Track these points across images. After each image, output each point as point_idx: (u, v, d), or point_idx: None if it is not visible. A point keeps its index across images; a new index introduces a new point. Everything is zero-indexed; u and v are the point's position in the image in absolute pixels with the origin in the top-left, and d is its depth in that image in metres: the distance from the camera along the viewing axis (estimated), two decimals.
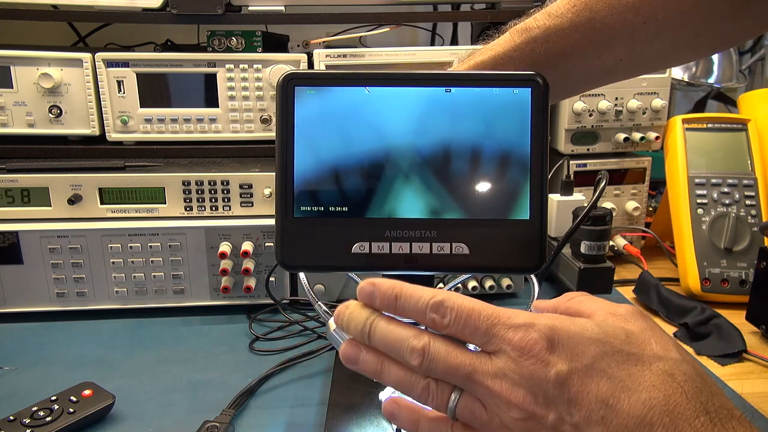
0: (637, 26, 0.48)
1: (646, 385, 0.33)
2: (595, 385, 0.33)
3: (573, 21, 0.49)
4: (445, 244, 0.45)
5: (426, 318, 0.37)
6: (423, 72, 0.48)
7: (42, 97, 0.82)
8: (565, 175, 0.87)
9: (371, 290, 0.39)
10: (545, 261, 0.46)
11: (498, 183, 0.46)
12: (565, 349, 0.34)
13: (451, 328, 0.36)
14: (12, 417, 0.55)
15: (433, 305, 0.36)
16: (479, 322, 0.35)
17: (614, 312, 0.38)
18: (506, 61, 0.51)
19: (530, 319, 0.35)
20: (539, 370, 0.34)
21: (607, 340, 0.35)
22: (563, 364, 0.34)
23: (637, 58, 0.51)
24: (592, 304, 0.39)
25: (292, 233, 0.46)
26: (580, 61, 0.51)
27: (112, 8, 0.84)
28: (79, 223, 0.77)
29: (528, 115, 0.46)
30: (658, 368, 0.34)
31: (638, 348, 0.35)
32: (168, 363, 0.69)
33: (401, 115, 0.46)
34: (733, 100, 1.24)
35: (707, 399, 0.33)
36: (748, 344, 0.71)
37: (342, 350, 0.41)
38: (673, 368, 0.34)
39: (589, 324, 0.36)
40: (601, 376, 0.33)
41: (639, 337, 0.36)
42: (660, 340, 0.36)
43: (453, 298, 0.37)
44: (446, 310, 0.36)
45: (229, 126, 0.86)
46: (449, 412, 0.37)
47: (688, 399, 0.32)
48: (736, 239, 0.85)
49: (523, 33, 0.51)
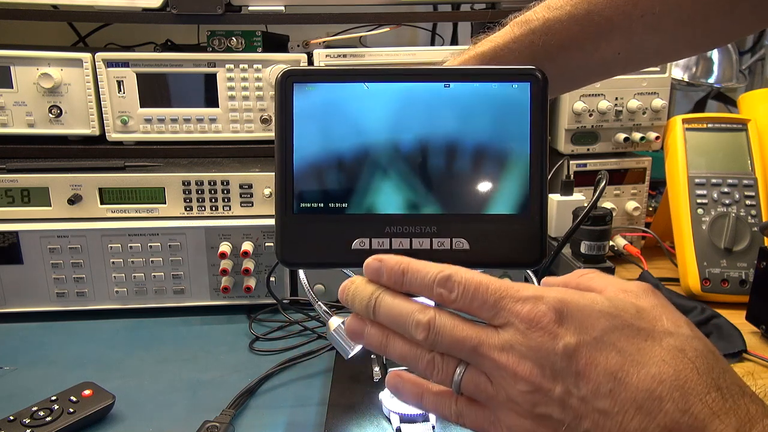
0: (635, 19, 0.49)
1: (656, 360, 0.32)
2: (603, 358, 0.32)
3: (571, 13, 0.50)
4: (445, 240, 0.46)
5: (434, 293, 0.37)
6: (422, 67, 0.48)
7: (42, 97, 0.82)
8: (565, 175, 0.87)
9: (378, 266, 0.39)
10: (545, 256, 0.46)
11: (498, 178, 0.46)
12: (573, 322, 0.33)
13: (458, 303, 0.36)
14: (12, 417, 0.55)
15: (440, 279, 0.36)
16: (487, 296, 0.35)
17: (625, 288, 0.37)
18: (506, 52, 0.52)
19: (539, 292, 0.35)
20: (547, 343, 0.33)
21: (617, 314, 0.34)
22: (571, 337, 0.33)
23: (635, 51, 0.52)
24: (603, 280, 0.39)
25: (291, 230, 0.46)
26: (579, 53, 0.52)
27: (112, 8, 0.84)
28: (79, 223, 0.77)
29: (527, 110, 0.46)
30: (668, 344, 0.33)
31: (649, 323, 0.34)
32: (168, 363, 0.69)
33: (400, 110, 0.46)
34: (733, 100, 1.24)
35: (719, 375, 0.32)
36: (748, 344, 0.71)
37: (347, 324, 0.41)
38: (684, 344, 0.33)
39: (599, 298, 0.35)
40: (610, 349, 0.33)
41: (650, 313, 0.35)
42: (671, 317, 0.35)
43: (461, 273, 0.36)
44: (454, 285, 0.36)
45: (229, 126, 0.86)
46: (454, 386, 0.37)
47: (699, 375, 0.32)
48: (736, 239, 0.85)
49: (523, 25, 0.52)
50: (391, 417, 0.54)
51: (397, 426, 0.52)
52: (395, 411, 0.53)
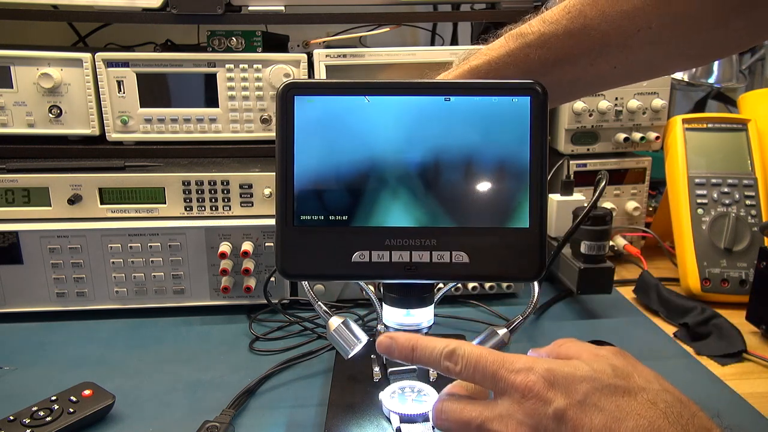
0: (630, 34, 0.49)
1: (633, 414, 0.37)
2: (588, 419, 0.37)
3: (567, 28, 0.49)
4: (445, 253, 0.46)
5: (441, 366, 0.42)
6: (422, 81, 0.48)
7: (42, 97, 0.82)
8: (565, 175, 0.87)
9: (389, 343, 0.45)
10: (545, 269, 0.46)
11: (497, 191, 0.46)
12: (561, 388, 0.39)
13: (463, 374, 0.42)
14: (12, 417, 0.55)
15: (446, 354, 0.42)
16: (486, 367, 0.41)
17: (597, 353, 0.42)
18: (501, 66, 0.52)
19: (529, 363, 0.40)
20: (540, 408, 0.38)
21: (596, 376, 0.39)
22: (560, 401, 0.38)
23: (631, 65, 0.52)
24: (578, 347, 0.44)
25: (292, 241, 0.46)
26: (574, 67, 0.51)
27: (112, 8, 0.84)
28: (79, 223, 0.77)
29: (527, 124, 0.46)
30: (642, 398, 0.38)
31: (624, 380, 0.39)
32: (168, 363, 0.69)
33: (400, 124, 0.46)
34: (733, 100, 1.24)
35: (687, 421, 0.37)
36: (748, 344, 0.71)
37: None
38: (656, 397, 0.38)
39: (580, 364, 0.40)
40: (593, 409, 0.38)
41: (623, 371, 0.40)
42: (641, 374, 0.40)
43: (463, 347, 0.42)
44: (458, 358, 0.42)
45: (229, 126, 0.86)
46: None
47: (670, 423, 0.37)
48: (736, 239, 0.85)
49: (518, 38, 0.51)
50: (391, 417, 0.54)
51: (397, 426, 0.52)
52: (395, 411, 0.53)
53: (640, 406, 0.37)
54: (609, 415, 0.37)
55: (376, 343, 0.45)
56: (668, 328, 0.78)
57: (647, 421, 0.36)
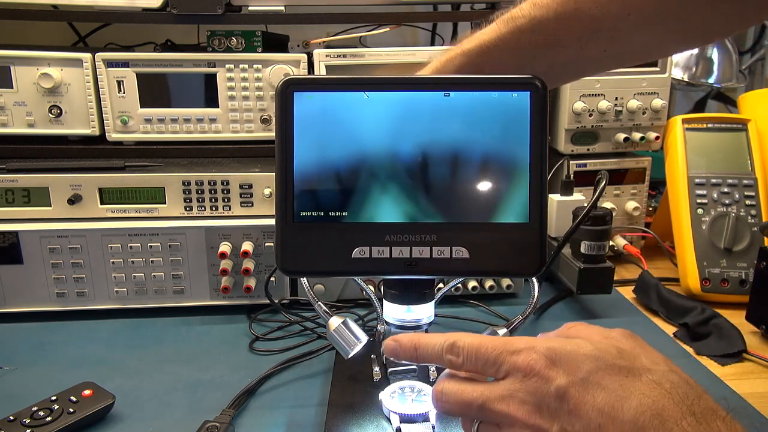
0: (620, 18, 0.49)
1: (636, 393, 0.36)
2: (591, 396, 0.37)
3: (558, 12, 0.50)
4: (445, 249, 0.46)
5: (444, 360, 0.42)
6: (421, 77, 0.48)
7: (42, 97, 0.82)
8: (565, 175, 0.87)
9: (395, 346, 0.45)
10: (545, 265, 0.46)
11: (497, 187, 0.46)
12: (563, 366, 0.38)
13: (466, 365, 0.41)
14: (12, 417, 0.55)
15: (447, 348, 0.42)
16: (488, 354, 0.40)
17: (607, 335, 0.42)
18: (492, 49, 0.52)
19: (530, 343, 0.40)
20: (542, 386, 0.38)
21: (600, 356, 0.39)
22: (562, 379, 0.38)
23: (621, 49, 0.52)
24: (587, 329, 0.43)
25: (292, 238, 0.46)
26: (565, 51, 0.52)
27: (112, 8, 0.84)
28: (79, 223, 0.77)
29: (527, 119, 0.46)
30: (647, 378, 0.38)
31: (629, 362, 0.39)
32: (168, 363, 0.69)
33: (399, 119, 0.46)
34: (733, 100, 1.24)
35: (693, 402, 0.36)
36: (748, 344, 0.71)
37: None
38: (661, 378, 0.38)
39: (584, 343, 0.40)
40: (596, 387, 0.37)
41: (630, 353, 0.40)
42: (649, 356, 0.40)
43: (462, 338, 0.42)
44: (459, 350, 0.42)
45: (229, 126, 0.86)
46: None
47: (675, 403, 0.36)
48: (736, 239, 0.85)
49: (509, 22, 0.52)
50: (391, 417, 0.54)
51: (397, 426, 0.52)
52: (395, 411, 0.53)
53: (645, 386, 0.37)
54: (612, 393, 0.37)
55: (383, 347, 0.45)
56: (668, 328, 0.78)
57: (651, 399, 0.36)
